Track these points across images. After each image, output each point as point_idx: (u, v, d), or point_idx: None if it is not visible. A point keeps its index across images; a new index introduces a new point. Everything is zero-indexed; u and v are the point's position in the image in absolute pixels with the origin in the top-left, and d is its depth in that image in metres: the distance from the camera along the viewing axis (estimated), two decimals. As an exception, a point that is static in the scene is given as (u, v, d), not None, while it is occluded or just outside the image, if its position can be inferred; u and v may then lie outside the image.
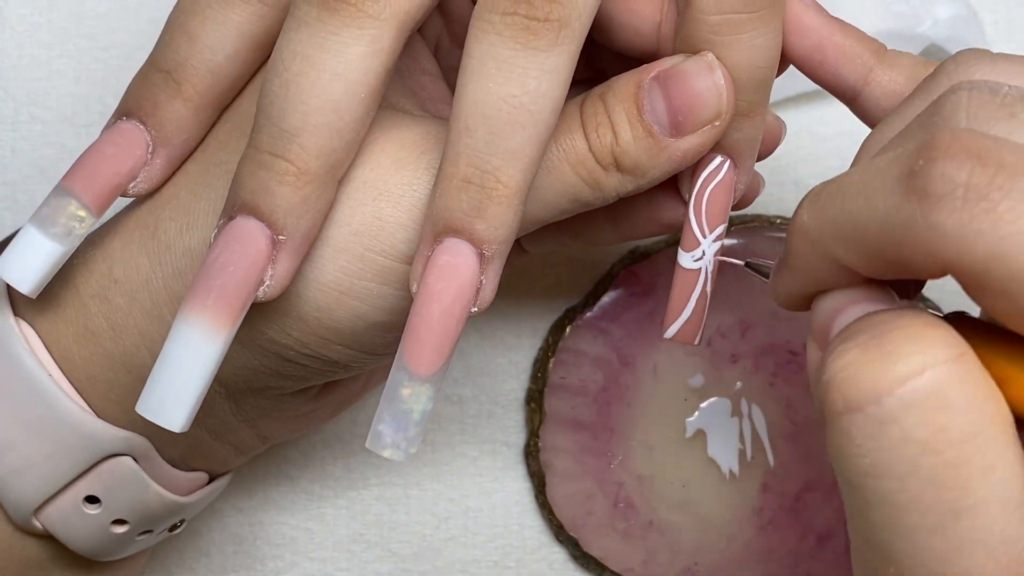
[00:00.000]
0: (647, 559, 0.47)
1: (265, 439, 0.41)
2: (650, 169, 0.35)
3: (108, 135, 0.37)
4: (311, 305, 0.35)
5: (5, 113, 0.49)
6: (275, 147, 0.32)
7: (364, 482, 0.48)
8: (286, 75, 0.32)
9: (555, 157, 0.34)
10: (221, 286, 0.33)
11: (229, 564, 0.48)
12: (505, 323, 0.49)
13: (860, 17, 0.47)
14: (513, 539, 0.48)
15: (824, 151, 0.49)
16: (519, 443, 0.48)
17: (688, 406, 0.47)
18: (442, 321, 0.33)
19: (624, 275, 0.48)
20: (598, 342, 0.48)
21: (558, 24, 0.32)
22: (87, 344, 0.37)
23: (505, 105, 0.32)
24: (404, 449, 0.33)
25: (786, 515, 0.47)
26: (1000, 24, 0.49)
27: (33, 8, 0.49)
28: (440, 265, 0.33)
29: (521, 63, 0.32)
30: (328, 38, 0.32)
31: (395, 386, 0.33)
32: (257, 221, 0.33)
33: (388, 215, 0.34)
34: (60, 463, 0.37)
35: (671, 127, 0.34)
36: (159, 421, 0.33)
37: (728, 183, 0.36)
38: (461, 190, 0.32)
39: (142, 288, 0.37)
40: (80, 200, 0.36)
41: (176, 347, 0.33)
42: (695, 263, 0.37)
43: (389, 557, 0.48)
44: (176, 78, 0.37)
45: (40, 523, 0.38)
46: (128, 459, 0.38)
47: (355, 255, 0.34)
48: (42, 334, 0.37)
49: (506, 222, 0.32)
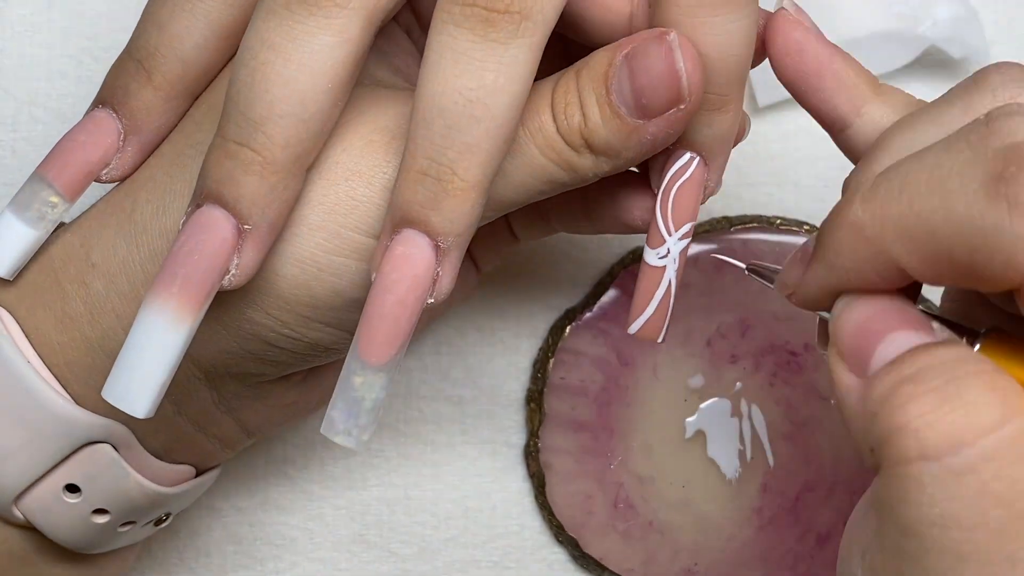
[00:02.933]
0: (647, 559, 0.47)
1: (250, 432, 0.41)
2: (623, 150, 0.34)
3: (82, 123, 0.38)
4: (290, 282, 0.35)
5: (5, 113, 0.49)
6: (241, 136, 0.33)
7: (364, 482, 0.48)
8: (253, 64, 0.32)
9: (523, 139, 0.34)
10: (186, 274, 0.33)
11: (229, 564, 0.48)
12: (505, 323, 0.49)
13: (860, 17, 0.47)
14: (513, 540, 0.48)
15: (824, 151, 0.49)
16: (519, 443, 0.48)
17: (688, 406, 0.47)
18: (395, 311, 0.33)
19: (624, 275, 0.48)
20: (598, 342, 0.48)
21: (519, 16, 0.32)
22: (65, 329, 0.37)
23: (461, 98, 0.32)
24: (356, 436, 0.33)
25: (786, 515, 0.47)
26: (1000, 24, 0.49)
27: (33, 8, 0.49)
28: (396, 255, 0.33)
29: (479, 56, 0.32)
30: (296, 27, 0.32)
31: (348, 374, 0.33)
32: (223, 210, 0.33)
33: (361, 194, 0.35)
34: (39, 450, 0.37)
35: (636, 108, 0.34)
36: (123, 407, 0.33)
37: (697, 181, 0.36)
38: (417, 182, 0.32)
39: (119, 271, 0.37)
40: (53, 186, 0.37)
41: (141, 333, 0.33)
42: (660, 260, 0.36)
43: (389, 557, 0.48)
44: (146, 67, 0.37)
45: (21, 513, 0.38)
46: (107, 447, 0.38)
47: (330, 232, 0.35)
48: (20, 320, 0.37)
49: (462, 215, 0.33)
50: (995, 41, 0.49)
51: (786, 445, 0.47)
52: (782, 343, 0.47)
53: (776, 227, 0.48)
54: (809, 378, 0.47)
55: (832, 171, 0.49)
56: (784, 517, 0.47)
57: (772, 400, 0.47)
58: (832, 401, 0.47)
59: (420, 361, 0.48)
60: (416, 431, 0.48)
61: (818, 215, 0.48)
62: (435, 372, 0.49)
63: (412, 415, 0.48)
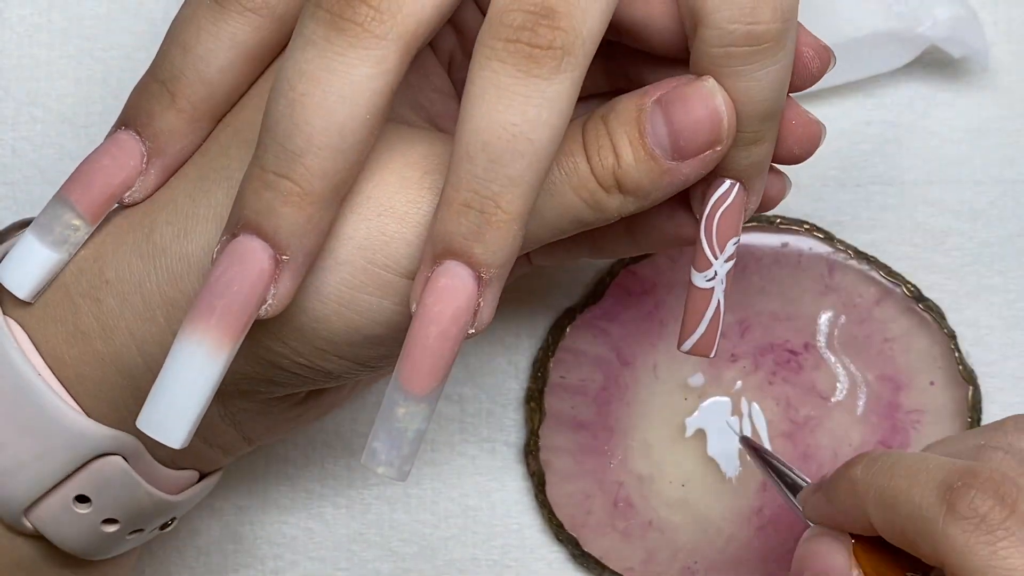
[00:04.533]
0: (646, 558, 0.47)
1: (250, 440, 0.41)
2: (652, 191, 0.35)
3: (105, 145, 0.37)
4: (310, 316, 0.35)
5: (5, 113, 0.49)
6: (280, 167, 0.32)
7: (364, 481, 0.48)
8: (291, 95, 0.32)
9: (557, 179, 0.34)
10: (225, 305, 0.33)
11: (229, 563, 0.48)
12: (505, 323, 0.49)
13: (860, 17, 0.47)
14: (513, 538, 0.48)
15: (824, 151, 0.48)
16: (519, 442, 0.48)
17: (688, 405, 0.47)
18: (438, 342, 0.33)
19: (624, 275, 0.48)
20: (598, 341, 0.48)
21: (561, 52, 0.32)
22: (76, 344, 0.37)
23: (505, 133, 0.32)
24: (398, 467, 0.33)
25: (786, 515, 0.47)
26: (1000, 24, 0.49)
27: (33, 8, 0.49)
28: (439, 287, 0.33)
29: (522, 91, 0.32)
30: (334, 59, 0.32)
31: (391, 405, 0.33)
32: (260, 240, 0.33)
33: (392, 230, 0.34)
34: (50, 463, 0.37)
35: (672, 150, 0.34)
36: (159, 437, 0.33)
37: (738, 206, 0.37)
38: (461, 214, 0.32)
39: (134, 290, 0.37)
40: (75, 210, 0.37)
41: (178, 364, 0.33)
42: (708, 283, 0.37)
43: (389, 556, 0.48)
44: (170, 89, 0.37)
45: (30, 523, 0.38)
46: (118, 458, 0.38)
47: (357, 268, 0.34)
48: (31, 333, 0.37)
49: (504, 247, 0.33)
50: (995, 41, 0.49)
51: (786, 444, 0.47)
52: (782, 342, 0.47)
53: (776, 227, 0.48)
54: (809, 377, 0.47)
55: (832, 171, 0.49)
56: (784, 516, 0.47)
57: (772, 399, 0.47)
58: (831, 401, 0.47)
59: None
60: (416, 430, 0.48)
61: (818, 215, 0.49)
62: (435, 371, 0.49)
63: (412, 414, 0.48)
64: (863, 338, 0.47)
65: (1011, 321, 0.48)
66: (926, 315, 0.47)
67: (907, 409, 0.47)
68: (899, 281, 0.47)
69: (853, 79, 0.48)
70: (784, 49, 0.34)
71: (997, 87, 0.49)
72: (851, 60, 0.47)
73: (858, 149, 0.49)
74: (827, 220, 0.48)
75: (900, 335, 0.47)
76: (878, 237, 0.48)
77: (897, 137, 0.49)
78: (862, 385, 0.47)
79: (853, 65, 0.48)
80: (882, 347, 0.47)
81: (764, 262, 0.47)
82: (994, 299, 0.48)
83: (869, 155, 0.49)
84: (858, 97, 0.49)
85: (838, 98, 0.49)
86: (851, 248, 0.48)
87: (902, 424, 0.47)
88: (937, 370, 0.47)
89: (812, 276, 0.47)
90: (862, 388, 0.47)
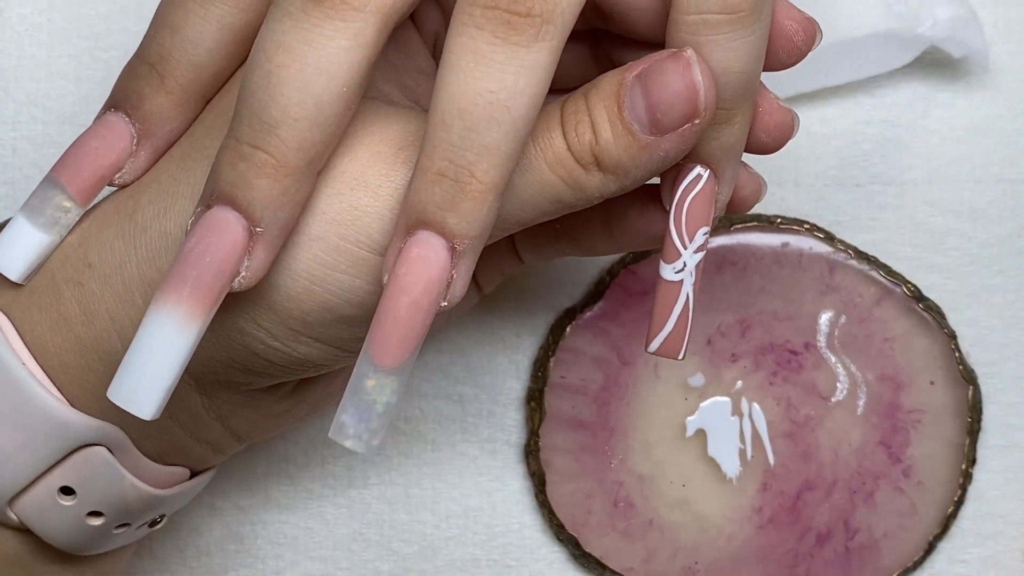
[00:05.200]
0: (647, 558, 0.47)
1: (240, 438, 0.41)
2: (632, 168, 0.34)
3: (94, 127, 0.37)
4: (282, 294, 0.35)
5: (5, 113, 0.49)
6: (255, 139, 0.32)
7: (364, 481, 0.48)
8: (268, 66, 0.32)
9: (532, 156, 0.34)
10: (197, 276, 0.33)
11: (230, 563, 0.48)
12: (505, 322, 0.49)
13: (860, 17, 0.47)
14: (513, 538, 0.48)
15: (824, 151, 0.49)
16: (519, 442, 0.48)
17: (688, 405, 0.47)
18: (409, 313, 0.32)
19: (624, 274, 0.48)
20: (598, 341, 0.48)
21: (539, 20, 0.32)
22: (60, 331, 0.37)
23: (481, 100, 0.31)
24: (366, 440, 0.33)
25: (786, 514, 0.47)
26: (1000, 24, 0.49)
27: (33, 8, 0.49)
28: (411, 257, 0.33)
29: (500, 58, 0.31)
30: (312, 30, 0.32)
31: (360, 377, 0.33)
32: (235, 212, 0.33)
33: (365, 205, 0.34)
34: (33, 453, 0.37)
35: (650, 125, 0.34)
36: (130, 408, 0.33)
37: (708, 193, 0.36)
38: (435, 183, 0.32)
39: (115, 272, 0.37)
40: (67, 191, 0.37)
41: (149, 335, 0.33)
42: (676, 275, 0.36)
43: (389, 556, 0.48)
44: (159, 71, 0.37)
45: (15, 515, 0.38)
46: (102, 449, 0.38)
47: (330, 244, 0.34)
48: (15, 321, 0.37)
49: (479, 217, 0.32)
50: (995, 41, 0.49)
51: (786, 444, 0.47)
52: (782, 342, 0.47)
53: (776, 226, 0.48)
54: (809, 377, 0.47)
55: (832, 171, 0.49)
56: (784, 516, 0.47)
57: (772, 399, 0.47)
58: (831, 400, 0.47)
59: (421, 359, 0.48)
60: (416, 429, 0.48)
61: (818, 215, 0.49)
62: (436, 370, 0.49)
63: (413, 413, 0.49)
64: (863, 338, 0.47)
65: (1011, 321, 0.48)
66: (926, 315, 0.47)
67: (907, 409, 0.47)
68: (899, 281, 0.47)
69: (853, 79, 0.48)
70: (760, 21, 0.34)
71: (997, 87, 0.49)
72: (851, 60, 0.47)
73: (858, 149, 0.49)
74: (827, 220, 0.48)
75: (900, 335, 0.47)
76: (878, 237, 0.48)
77: (897, 137, 0.49)
78: (862, 385, 0.47)
79: (853, 65, 0.48)
80: (882, 347, 0.47)
81: (764, 262, 0.48)
82: (994, 299, 0.48)
83: (869, 155, 0.49)
84: (858, 97, 0.49)
85: (838, 98, 0.49)
86: (851, 248, 0.48)
87: (902, 424, 0.47)
88: (937, 370, 0.47)
89: (812, 276, 0.48)
90: (862, 388, 0.47)
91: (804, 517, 0.47)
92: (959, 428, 0.47)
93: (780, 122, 0.37)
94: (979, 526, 0.48)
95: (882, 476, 0.47)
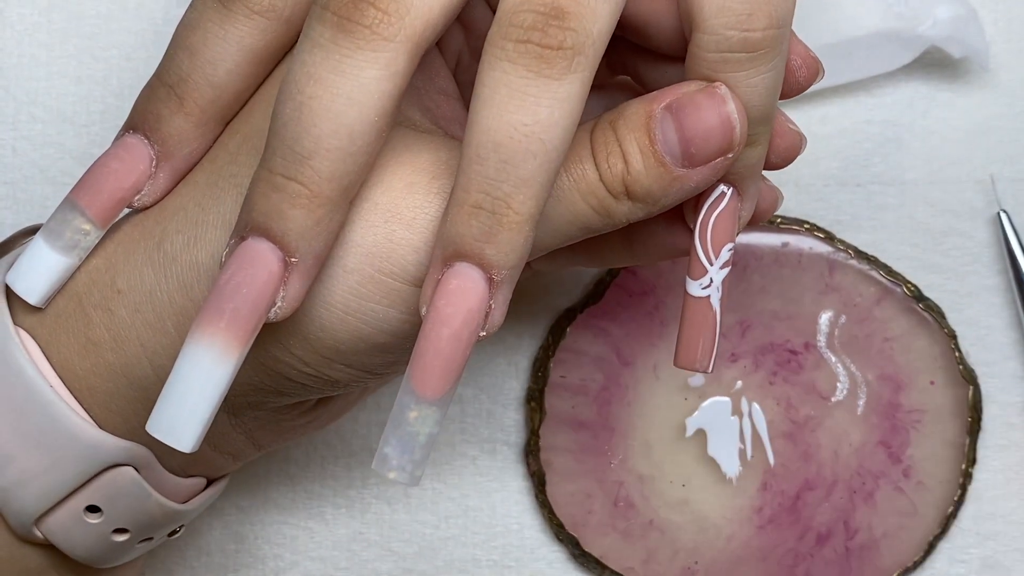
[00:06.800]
0: (647, 558, 0.47)
1: (260, 447, 0.41)
2: (661, 198, 0.34)
3: (113, 149, 0.37)
4: (316, 324, 0.35)
5: (5, 113, 0.49)
6: (288, 170, 0.32)
7: (364, 481, 0.48)
8: (299, 98, 0.32)
9: (565, 185, 0.34)
10: (234, 309, 0.33)
11: (230, 563, 0.48)
12: (506, 323, 0.48)
13: (860, 17, 0.47)
14: (513, 538, 0.48)
15: (824, 151, 0.49)
16: (519, 442, 0.48)
17: (688, 405, 0.47)
18: (450, 345, 0.33)
19: (624, 275, 0.48)
20: (598, 341, 0.48)
21: (571, 52, 0.32)
22: (88, 355, 0.37)
23: (516, 133, 0.32)
24: (409, 472, 0.33)
25: (786, 514, 0.47)
26: (1000, 24, 0.49)
27: (33, 8, 0.49)
28: (450, 289, 0.33)
29: (533, 92, 0.32)
30: (343, 61, 0.32)
31: (402, 409, 0.33)
32: (269, 243, 0.33)
33: (400, 237, 0.34)
34: (61, 474, 0.37)
35: (683, 158, 0.34)
36: (169, 441, 0.33)
37: (732, 210, 0.36)
38: (472, 216, 0.32)
39: (146, 300, 0.36)
40: (85, 214, 0.37)
41: (187, 368, 0.33)
42: (703, 291, 0.36)
43: (389, 556, 0.48)
44: (178, 93, 0.36)
45: (41, 533, 0.38)
46: (130, 469, 0.37)
47: (365, 276, 0.34)
48: (42, 344, 0.37)
49: (516, 248, 0.32)
50: (995, 41, 0.49)
51: (786, 444, 0.47)
52: (782, 342, 0.47)
53: (777, 226, 0.48)
54: (809, 377, 0.47)
55: (832, 171, 0.49)
56: (784, 516, 0.47)
57: (772, 398, 0.47)
58: (831, 400, 0.47)
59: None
60: (416, 430, 0.49)
61: (818, 215, 0.49)
62: (435, 371, 0.49)
63: (412, 414, 0.49)
64: (863, 338, 0.47)
65: (1011, 321, 0.48)
66: (926, 315, 0.47)
67: (907, 409, 0.47)
68: (899, 281, 0.47)
69: (853, 79, 0.48)
70: (779, 55, 0.34)
71: (997, 86, 0.49)
72: (851, 60, 0.48)
73: (858, 148, 0.49)
74: (827, 220, 0.48)
75: (900, 335, 0.47)
76: (878, 237, 0.48)
77: (897, 137, 0.49)
78: (862, 385, 0.47)
79: (853, 65, 0.48)
80: (882, 347, 0.47)
81: (764, 261, 0.48)
82: (994, 299, 0.48)
83: (869, 155, 0.49)
84: (858, 96, 0.49)
85: (838, 97, 0.49)
86: (851, 248, 0.48)
87: (902, 424, 0.47)
88: (937, 370, 0.47)
89: (812, 276, 0.48)
90: (862, 388, 0.47)
91: (804, 517, 0.47)
92: (959, 428, 0.47)
93: (790, 144, 0.38)
94: (979, 526, 0.48)
95: (882, 476, 0.47)
